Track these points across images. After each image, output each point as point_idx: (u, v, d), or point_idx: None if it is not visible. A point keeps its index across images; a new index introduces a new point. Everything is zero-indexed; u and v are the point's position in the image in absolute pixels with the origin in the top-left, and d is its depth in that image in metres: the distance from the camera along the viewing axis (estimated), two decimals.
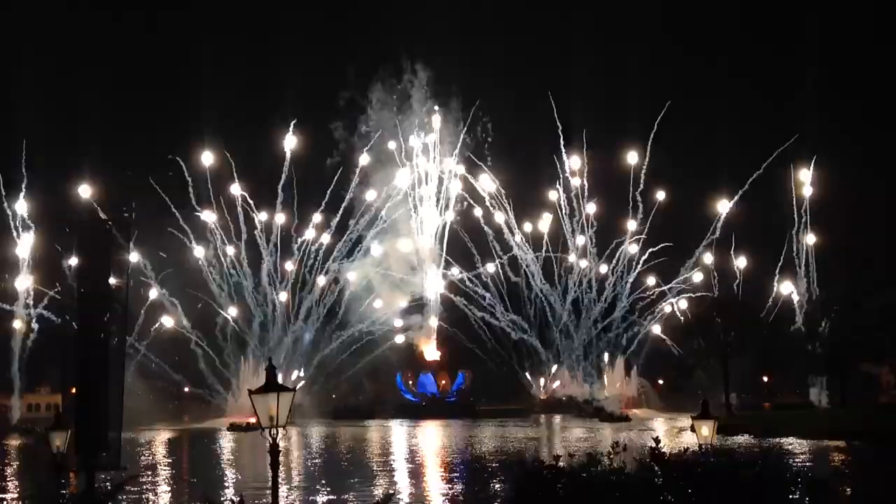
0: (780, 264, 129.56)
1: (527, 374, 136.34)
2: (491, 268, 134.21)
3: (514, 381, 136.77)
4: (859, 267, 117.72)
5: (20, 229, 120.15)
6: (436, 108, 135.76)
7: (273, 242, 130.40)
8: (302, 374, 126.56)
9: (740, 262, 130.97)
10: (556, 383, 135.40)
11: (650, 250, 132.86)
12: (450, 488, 46.28)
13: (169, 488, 50.39)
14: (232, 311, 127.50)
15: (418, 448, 77.51)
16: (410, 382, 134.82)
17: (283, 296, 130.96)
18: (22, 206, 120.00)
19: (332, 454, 70.42)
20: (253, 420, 18.86)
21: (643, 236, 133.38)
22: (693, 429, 19.71)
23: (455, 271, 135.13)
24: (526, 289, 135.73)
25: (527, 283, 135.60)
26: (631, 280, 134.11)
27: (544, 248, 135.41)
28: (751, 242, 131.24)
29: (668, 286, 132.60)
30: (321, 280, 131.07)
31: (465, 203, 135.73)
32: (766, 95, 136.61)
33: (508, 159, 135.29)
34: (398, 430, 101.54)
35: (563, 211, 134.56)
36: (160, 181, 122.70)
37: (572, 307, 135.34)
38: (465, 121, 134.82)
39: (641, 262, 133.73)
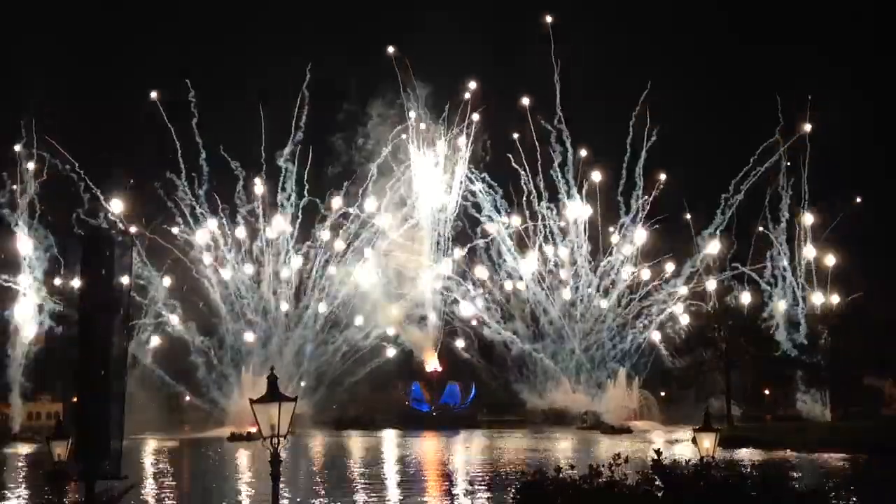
0: (768, 275, 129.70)
1: (525, 386, 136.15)
2: (519, 277, 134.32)
3: (513, 393, 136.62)
4: (861, 279, 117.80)
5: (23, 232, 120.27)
6: (438, 125, 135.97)
7: (273, 252, 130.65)
8: (304, 383, 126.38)
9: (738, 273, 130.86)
10: (557, 395, 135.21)
11: (633, 269, 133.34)
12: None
13: (169, 498, 50.30)
14: (232, 321, 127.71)
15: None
16: (428, 392, 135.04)
17: (284, 305, 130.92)
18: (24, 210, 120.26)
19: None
20: (254, 429, 18.84)
21: (629, 257, 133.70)
22: (695, 441, 19.67)
23: (453, 283, 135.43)
24: (524, 301, 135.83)
25: (526, 296, 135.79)
26: (626, 279, 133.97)
27: (540, 261, 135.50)
28: (748, 253, 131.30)
29: (663, 293, 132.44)
30: (321, 290, 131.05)
31: (465, 218, 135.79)
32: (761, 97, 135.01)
33: (508, 174, 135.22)
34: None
35: (553, 221, 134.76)
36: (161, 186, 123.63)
37: (568, 315, 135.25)
38: (466, 137, 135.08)
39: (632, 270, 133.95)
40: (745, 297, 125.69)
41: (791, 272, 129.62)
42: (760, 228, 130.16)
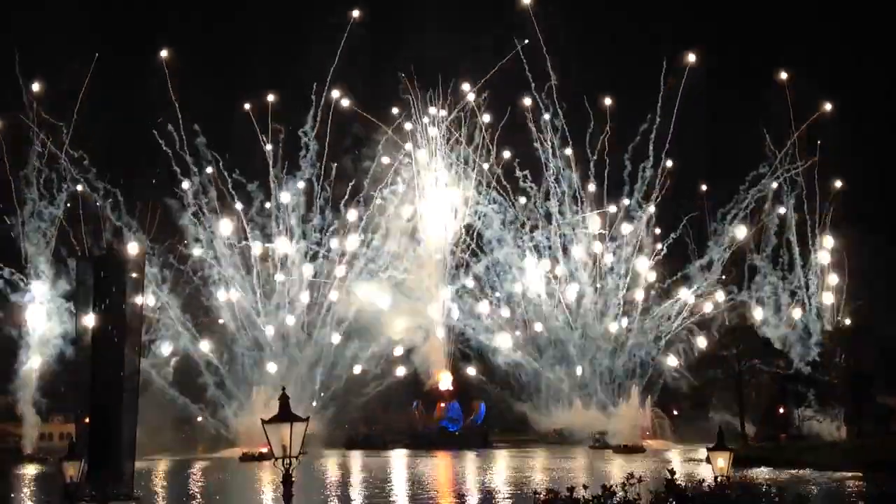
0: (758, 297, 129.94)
1: (534, 405, 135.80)
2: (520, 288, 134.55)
3: (523, 412, 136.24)
4: (873, 297, 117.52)
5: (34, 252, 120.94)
6: (446, 147, 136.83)
7: (285, 269, 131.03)
8: (315, 403, 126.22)
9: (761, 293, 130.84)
10: (567, 414, 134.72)
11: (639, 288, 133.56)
12: None
13: None
14: (245, 341, 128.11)
15: None
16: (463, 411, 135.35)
17: (293, 321, 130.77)
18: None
19: None
20: (265, 449, 18.80)
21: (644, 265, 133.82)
22: (709, 460, 19.53)
23: (466, 305, 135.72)
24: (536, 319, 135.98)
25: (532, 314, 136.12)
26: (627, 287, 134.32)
27: (550, 277, 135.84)
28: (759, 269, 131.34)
29: (671, 309, 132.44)
30: (328, 310, 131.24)
31: (474, 239, 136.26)
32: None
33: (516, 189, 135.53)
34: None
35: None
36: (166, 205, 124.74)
37: (581, 332, 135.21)
38: (475, 161, 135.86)
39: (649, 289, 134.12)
40: (757, 315, 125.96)
41: (782, 291, 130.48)
42: (757, 261, 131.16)
